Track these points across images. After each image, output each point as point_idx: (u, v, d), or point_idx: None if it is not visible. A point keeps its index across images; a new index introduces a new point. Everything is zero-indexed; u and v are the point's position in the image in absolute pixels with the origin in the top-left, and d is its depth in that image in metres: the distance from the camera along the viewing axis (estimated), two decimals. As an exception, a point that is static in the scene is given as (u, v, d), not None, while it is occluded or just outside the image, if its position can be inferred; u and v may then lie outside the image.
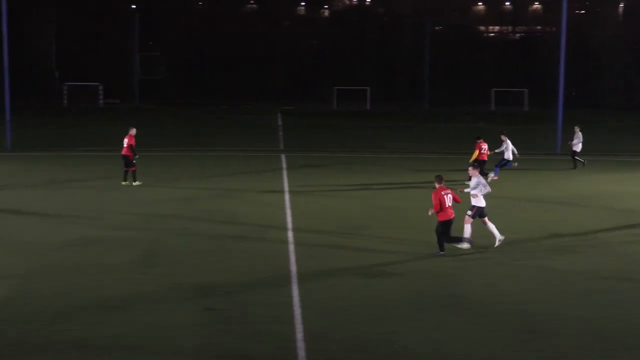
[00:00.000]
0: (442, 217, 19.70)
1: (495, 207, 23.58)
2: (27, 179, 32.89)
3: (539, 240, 22.15)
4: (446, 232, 19.90)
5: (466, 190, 21.21)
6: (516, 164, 34.41)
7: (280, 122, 66.87)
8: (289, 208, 26.67)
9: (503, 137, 34.11)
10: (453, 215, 19.76)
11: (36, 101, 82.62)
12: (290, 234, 22.47)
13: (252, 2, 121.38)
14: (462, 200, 20.40)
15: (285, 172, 35.50)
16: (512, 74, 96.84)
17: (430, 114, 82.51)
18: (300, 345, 13.74)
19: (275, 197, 28.94)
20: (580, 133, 37.60)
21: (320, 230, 23.17)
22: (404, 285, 17.55)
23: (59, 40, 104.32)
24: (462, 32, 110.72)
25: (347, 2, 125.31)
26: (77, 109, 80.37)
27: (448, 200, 19.62)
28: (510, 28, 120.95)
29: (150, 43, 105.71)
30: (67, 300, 16.22)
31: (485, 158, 32.18)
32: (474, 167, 21.65)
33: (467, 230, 20.52)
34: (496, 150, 34.07)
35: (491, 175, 32.32)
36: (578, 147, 37.60)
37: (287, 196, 29.18)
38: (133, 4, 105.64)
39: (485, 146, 32.24)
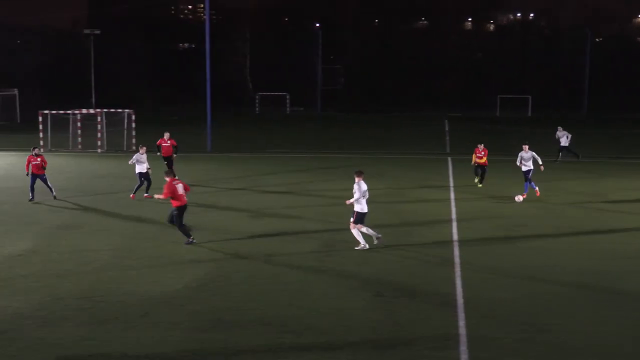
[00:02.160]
0: (176, 204, 20.10)
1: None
2: (222, 177, 34.09)
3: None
4: (180, 217, 20.18)
5: (352, 200, 19.89)
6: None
7: (447, 128, 66.16)
8: (453, 207, 26.34)
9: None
10: (186, 202, 20.34)
11: (233, 109, 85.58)
12: (454, 231, 22.19)
13: (423, 19, 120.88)
14: (190, 189, 21.05)
15: (451, 174, 35.10)
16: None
17: (590, 120, 79.30)
18: (462, 332, 13.55)
19: (442, 195, 28.66)
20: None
21: (483, 229, 22.76)
22: (562, 280, 16.97)
23: (252, 55, 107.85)
24: (622, 42, 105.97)
25: (511, 16, 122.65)
26: (268, 116, 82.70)
27: (180, 189, 20.14)
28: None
29: (332, 57, 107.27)
30: (253, 283, 16.70)
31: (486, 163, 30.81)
32: (357, 173, 20.20)
33: (357, 235, 19.83)
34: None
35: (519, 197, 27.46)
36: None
37: (452, 195, 28.85)
38: (317, 22, 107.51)
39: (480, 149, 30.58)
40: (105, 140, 46.04)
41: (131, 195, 27.48)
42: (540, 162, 28.05)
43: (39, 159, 26.99)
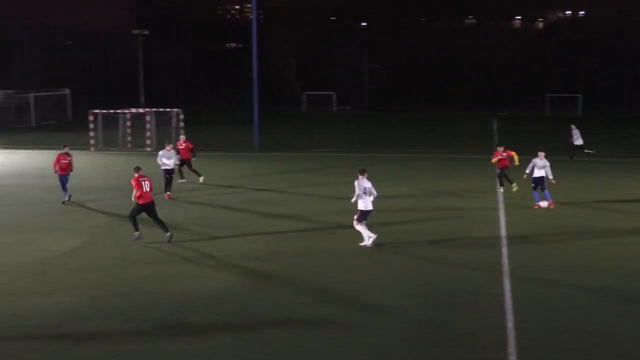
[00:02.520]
0: (141, 201, 20.16)
1: None
2: (268, 175, 34.24)
3: None
4: (153, 213, 20.36)
5: (354, 199, 20.08)
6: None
7: (495, 127, 65.52)
8: (501, 206, 26.09)
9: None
10: (152, 199, 20.44)
11: (279, 109, 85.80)
12: (502, 232, 22.00)
13: (470, 17, 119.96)
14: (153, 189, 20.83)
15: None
16: None
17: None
18: (511, 334, 13.42)
19: (489, 195, 28.39)
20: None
21: (532, 230, 22.51)
22: (608, 283, 16.74)
23: (299, 54, 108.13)
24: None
25: (560, 14, 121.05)
26: (314, 115, 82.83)
27: (146, 186, 20.23)
28: None
29: (379, 55, 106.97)
30: (295, 281, 16.75)
31: (507, 164, 28.52)
32: (360, 172, 20.28)
33: (361, 230, 19.90)
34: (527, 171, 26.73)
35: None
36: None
37: (499, 194, 28.52)
38: (364, 22, 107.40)
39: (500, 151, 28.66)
40: (154, 139, 46.51)
41: (165, 195, 27.72)
42: (552, 177, 26.05)
43: (68, 159, 26.84)
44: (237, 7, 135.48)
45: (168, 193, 27.86)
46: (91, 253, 19.39)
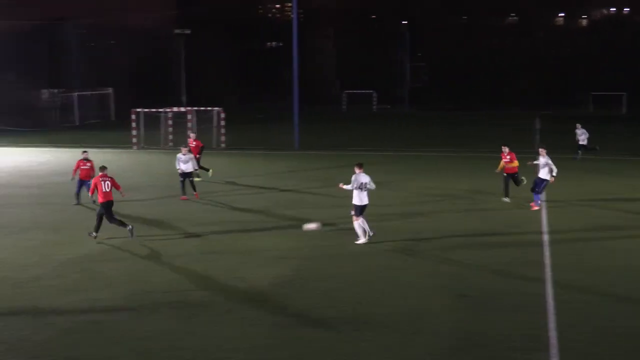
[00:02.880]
0: (101, 200, 20.53)
1: None
2: (300, 173, 34.27)
3: None
4: (109, 213, 20.55)
5: (345, 187, 20.17)
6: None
7: (538, 126, 64.72)
8: (544, 208, 25.74)
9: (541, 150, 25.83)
10: (112, 198, 20.72)
11: (320, 107, 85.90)
12: (544, 232, 21.72)
13: (512, 14, 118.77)
14: (121, 187, 21.47)
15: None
16: None
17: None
18: (552, 334, 13.23)
19: (528, 194, 28.01)
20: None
21: (574, 230, 22.19)
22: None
23: (339, 53, 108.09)
24: None
25: (605, 11, 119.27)
26: (354, 114, 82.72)
27: (105, 186, 20.53)
28: None
29: (419, 54, 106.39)
30: (335, 281, 16.72)
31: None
32: (357, 165, 20.23)
33: (356, 227, 20.06)
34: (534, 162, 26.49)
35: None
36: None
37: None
38: (404, 20, 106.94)
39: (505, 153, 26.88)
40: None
41: (194, 195, 27.73)
42: (554, 174, 25.11)
43: (88, 164, 26.50)
44: (278, 6, 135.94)
45: (195, 193, 27.81)
46: (130, 250, 19.54)
